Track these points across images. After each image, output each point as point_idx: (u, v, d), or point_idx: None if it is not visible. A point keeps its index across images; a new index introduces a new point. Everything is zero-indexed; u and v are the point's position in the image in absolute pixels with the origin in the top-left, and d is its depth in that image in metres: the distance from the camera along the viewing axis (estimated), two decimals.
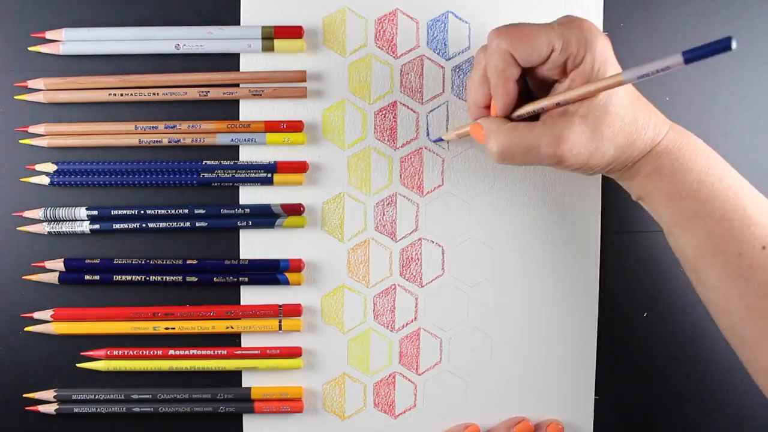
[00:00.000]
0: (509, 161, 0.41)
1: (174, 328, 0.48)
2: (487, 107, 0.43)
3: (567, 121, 0.39)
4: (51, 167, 0.48)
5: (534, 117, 0.41)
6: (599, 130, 0.39)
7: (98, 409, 0.48)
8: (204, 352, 0.48)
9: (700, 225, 0.40)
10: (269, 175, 0.48)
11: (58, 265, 0.48)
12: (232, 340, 0.49)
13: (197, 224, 0.48)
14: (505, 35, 0.39)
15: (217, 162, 0.48)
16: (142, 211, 0.48)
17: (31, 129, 0.48)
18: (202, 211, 0.48)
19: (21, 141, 0.48)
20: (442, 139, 0.48)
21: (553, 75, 0.40)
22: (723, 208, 0.40)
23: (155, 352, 0.48)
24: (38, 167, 0.48)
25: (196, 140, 0.48)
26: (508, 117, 0.42)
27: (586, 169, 0.41)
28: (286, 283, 0.48)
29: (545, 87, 0.42)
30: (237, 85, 0.48)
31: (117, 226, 0.48)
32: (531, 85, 0.42)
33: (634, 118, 0.40)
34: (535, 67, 0.40)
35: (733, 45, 0.31)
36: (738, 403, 0.50)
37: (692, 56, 0.33)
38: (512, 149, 0.40)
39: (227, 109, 0.49)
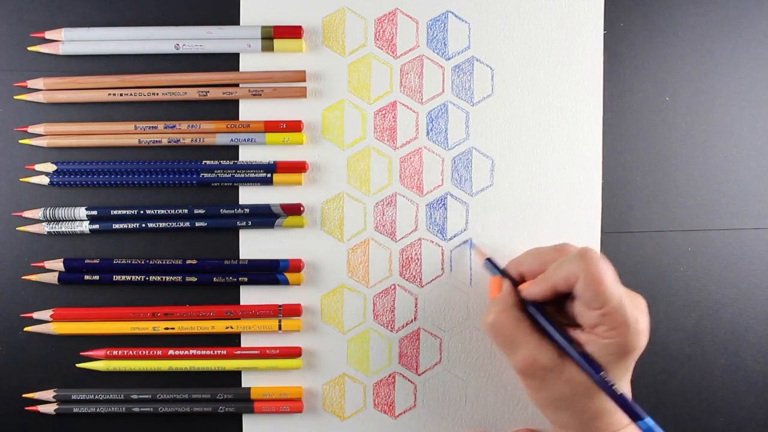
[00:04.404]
0: (491, 335, 0.42)
1: (174, 328, 0.48)
2: (521, 278, 0.44)
3: (554, 359, 0.40)
4: (50, 167, 0.48)
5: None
6: (567, 388, 0.40)
7: (98, 409, 0.48)
8: (203, 352, 0.48)
9: None
10: (269, 175, 0.48)
11: (58, 265, 0.48)
12: (231, 340, 0.49)
13: (197, 224, 0.48)
14: (593, 271, 0.39)
15: (216, 162, 0.48)
16: (142, 211, 0.48)
17: (31, 129, 0.48)
18: (201, 211, 0.48)
19: (20, 141, 0.48)
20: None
21: (581, 320, 0.41)
22: None
23: (155, 352, 0.48)
24: (38, 167, 0.48)
25: (196, 140, 0.48)
26: (524, 303, 0.42)
27: (535, 397, 0.42)
28: (286, 283, 0.48)
29: (564, 315, 0.42)
30: (236, 85, 0.48)
31: (116, 226, 0.48)
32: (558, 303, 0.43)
33: (600, 409, 0.41)
34: (576, 299, 0.40)
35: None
36: (738, 403, 0.50)
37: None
38: (501, 332, 0.41)
39: (227, 109, 0.49)
